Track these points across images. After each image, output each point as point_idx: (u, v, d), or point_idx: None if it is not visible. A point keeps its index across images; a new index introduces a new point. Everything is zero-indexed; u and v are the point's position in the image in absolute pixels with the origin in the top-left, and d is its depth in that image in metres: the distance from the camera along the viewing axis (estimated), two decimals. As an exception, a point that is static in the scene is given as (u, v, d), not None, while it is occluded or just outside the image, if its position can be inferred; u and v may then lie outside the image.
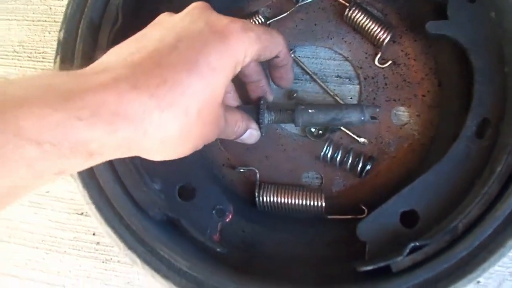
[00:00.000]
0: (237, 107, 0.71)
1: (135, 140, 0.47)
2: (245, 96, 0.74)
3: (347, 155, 0.76)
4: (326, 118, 0.70)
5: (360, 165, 0.76)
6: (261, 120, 0.70)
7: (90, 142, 0.44)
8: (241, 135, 0.68)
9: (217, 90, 0.53)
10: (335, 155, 0.76)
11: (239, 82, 0.71)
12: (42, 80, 0.45)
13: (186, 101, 0.49)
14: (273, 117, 0.71)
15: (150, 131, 0.47)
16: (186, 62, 0.50)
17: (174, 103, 0.48)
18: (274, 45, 0.63)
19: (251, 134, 0.69)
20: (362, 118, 0.69)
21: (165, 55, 0.50)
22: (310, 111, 0.70)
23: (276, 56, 0.66)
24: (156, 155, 0.53)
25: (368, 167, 0.75)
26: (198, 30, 0.53)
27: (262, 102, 0.71)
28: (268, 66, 0.72)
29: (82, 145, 0.43)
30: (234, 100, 0.71)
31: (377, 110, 0.72)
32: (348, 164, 0.76)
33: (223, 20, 0.56)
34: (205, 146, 0.57)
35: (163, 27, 0.55)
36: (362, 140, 0.78)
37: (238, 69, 0.57)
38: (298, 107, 0.70)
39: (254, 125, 0.69)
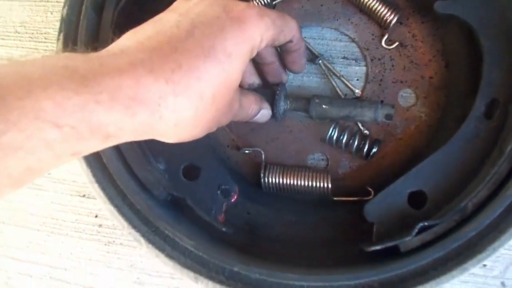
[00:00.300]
0: (253, 89, 0.72)
1: (150, 124, 0.48)
2: (260, 76, 0.74)
3: (352, 137, 0.75)
4: (340, 114, 0.72)
5: (366, 148, 0.75)
6: (276, 107, 0.71)
7: (108, 126, 0.44)
8: (254, 116, 0.69)
9: (233, 75, 0.54)
10: (341, 137, 0.75)
11: (254, 63, 0.71)
12: (58, 61, 0.44)
13: (202, 86, 0.50)
14: (288, 106, 0.73)
15: (165, 115, 0.48)
16: (202, 47, 0.51)
17: (189, 88, 0.49)
18: (288, 29, 0.63)
19: (263, 114, 0.71)
20: (376, 118, 0.70)
21: (182, 40, 0.50)
22: (324, 106, 0.72)
23: (290, 41, 0.66)
24: (170, 137, 0.53)
25: (374, 149, 0.75)
26: (214, 16, 0.53)
27: (279, 89, 0.72)
28: (281, 51, 0.72)
29: (100, 128, 0.44)
30: (252, 75, 0.72)
31: (393, 110, 0.72)
32: (354, 147, 0.75)
33: (240, 5, 0.56)
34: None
35: (179, 13, 0.54)
36: (365, 131, 0.77)
37: (254, 54, 0.58)
38: (313, 100, 0.72)
39: (266, 105, 0.71)
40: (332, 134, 0.75)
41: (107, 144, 0.46)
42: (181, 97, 0.48)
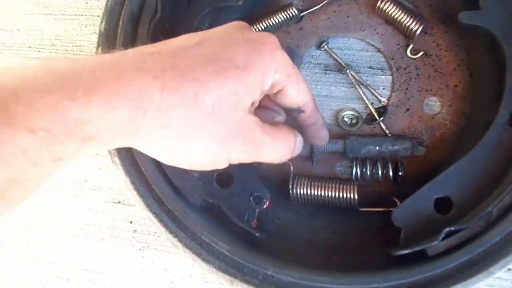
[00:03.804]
0: None
1: (134, 122, 0.44)
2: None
3: (374, 169, 0.77)
4: (374, 153, 0.77)
5: (391, 175, 0.77)
6: (315, 153, 0.77)
7: (86, 124, 0.41)
8: (300, 150, 0.63)
9: (239, 88, 0.49)
10: (364, 171, 0.78)
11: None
12: (42, 63, 0.43)
13: (197, 88, 0.46)
14: (325, 148, 0.77)
15: (150, 112, 0.44)
16: (205, 55, 0.48)
17: (181, 87, 0.45)
18: (302, 87, 0.58)
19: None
20: (408, 155, 0.77)
21: (185, 49, 0.48)
22: (362, 151, 0.77)
23: (302, 111, 0.60)
24: (157, 146, 0.48)
25: (400, 173, 0.76)
26: (230, 35, 0.52)
27: None
28: (297, 125, 0.65)
29: (77, 128, 0.40)
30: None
31: (424, 150, 0.76)
32: (380, 177, 0.77)
33: (260, 33, 0.54)
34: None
35: (200, 32, 0.53)
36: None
37: (267, 84, 0.52)
38: (349, 146, 0.77)
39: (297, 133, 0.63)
40: (356, 172, 0.78)
41: (89, 147, 0.42)
42: (169, 93, 0.44)
